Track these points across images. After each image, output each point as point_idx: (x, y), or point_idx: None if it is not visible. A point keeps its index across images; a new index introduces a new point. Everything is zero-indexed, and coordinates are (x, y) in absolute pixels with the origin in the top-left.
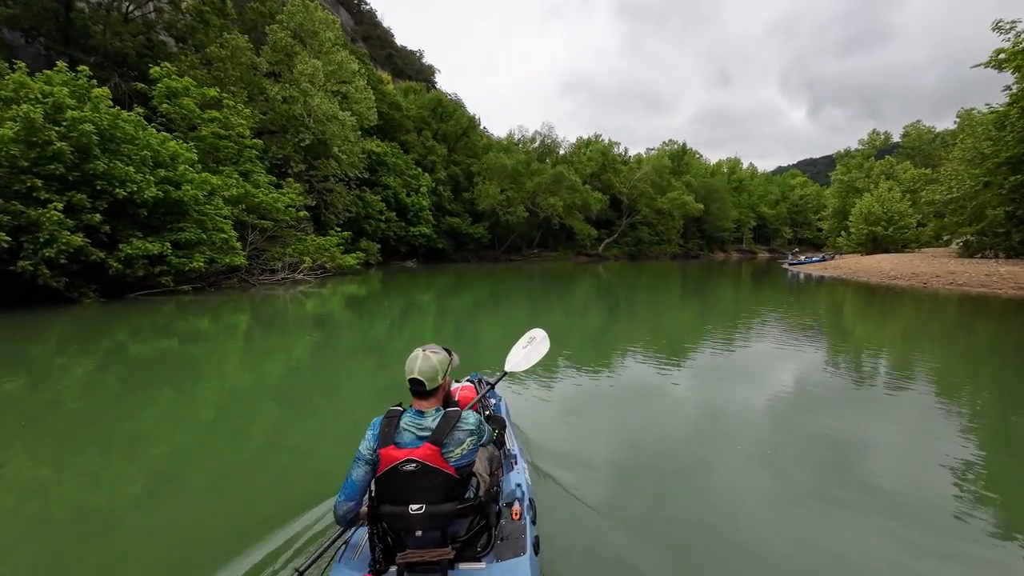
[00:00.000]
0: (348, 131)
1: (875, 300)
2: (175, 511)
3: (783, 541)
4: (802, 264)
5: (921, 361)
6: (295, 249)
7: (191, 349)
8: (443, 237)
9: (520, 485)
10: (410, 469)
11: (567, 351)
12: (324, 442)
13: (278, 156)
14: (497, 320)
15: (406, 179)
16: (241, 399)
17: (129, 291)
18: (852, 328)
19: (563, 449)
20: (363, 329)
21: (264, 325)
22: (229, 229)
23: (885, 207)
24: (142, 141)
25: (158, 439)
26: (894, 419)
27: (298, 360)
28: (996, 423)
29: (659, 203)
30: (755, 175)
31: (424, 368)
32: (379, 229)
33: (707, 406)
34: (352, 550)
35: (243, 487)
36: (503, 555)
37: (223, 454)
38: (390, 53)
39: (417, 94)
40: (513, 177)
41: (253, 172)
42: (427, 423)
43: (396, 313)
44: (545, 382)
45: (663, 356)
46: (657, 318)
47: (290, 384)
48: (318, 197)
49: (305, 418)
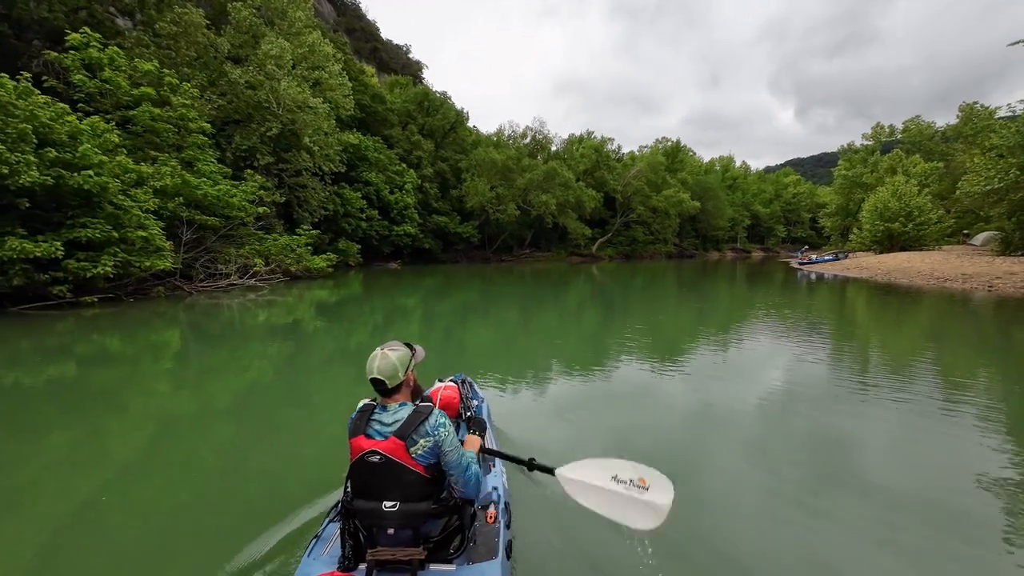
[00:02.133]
0: (321, 120)
1: (968, 313)
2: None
3: (776, 545)
4: (813, 263)
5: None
6: (252, 250)
7: (96, 375)
8: (430, 237)
9: (497, 488)
10: (375, 461)
11: (561, 356)
12: (277, 477)
13: (242, 147)
14: (488, 322)
15: (389, 175)
16: (173, 432)
17: (9, 304)
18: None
19: (545, 452)
20: (329, 342)
21: (201, 341)
22: (154, 226)
23: (903, 202)
24: (22, 111)
25: (56, 492)
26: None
27: (244, 384)
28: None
29: (654, 201)
30: (748, 173)
31: (383, 367)
32: (359, 228)
33: (707, 415)
34: (322, 544)
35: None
36: (475, 558)
37: (148, 502)
38: (375, 47)
39: (403, 88)
40: (503, 173)
41: (199, 161)
42: (393, 417)
43: (372, 321)
44: (532, 385)
45: (664, 365)
46: (665, 329)
47: (235, 413)
48: (289, 193)
49: (253, 459)
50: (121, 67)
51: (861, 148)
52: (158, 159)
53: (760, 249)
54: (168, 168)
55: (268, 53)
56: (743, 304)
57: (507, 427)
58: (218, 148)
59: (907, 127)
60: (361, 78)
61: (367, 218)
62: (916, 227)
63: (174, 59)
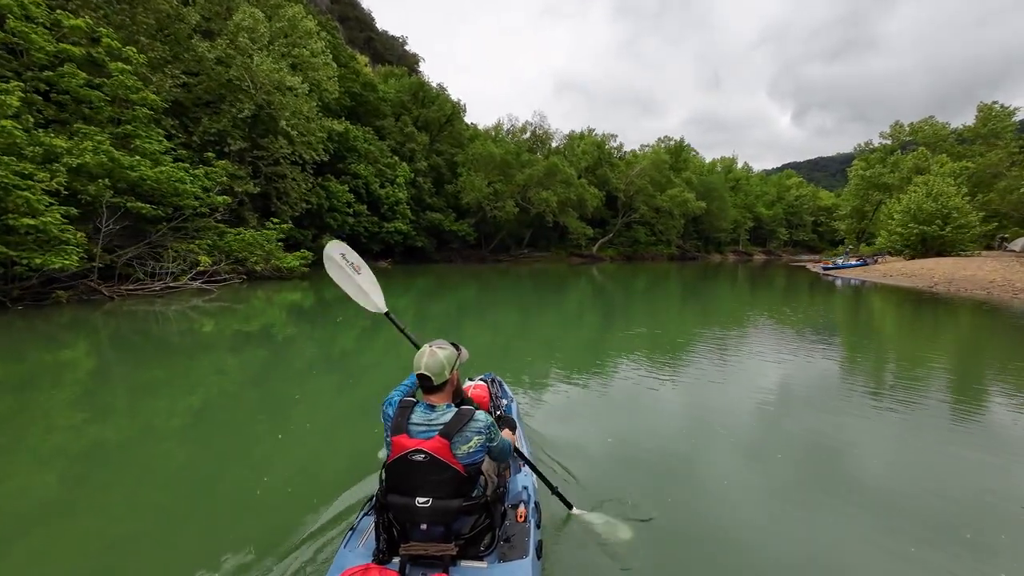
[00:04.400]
0: (301, 103)
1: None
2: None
3: (780, 547)
4: (839, 268)
5: None
6: (205, 246)
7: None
8: (423, 234)
9: (527, 487)
10: (419, 460)
11: (565, 360)
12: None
13: (211, 131)
14: (484, 326)
15: (380, 168)
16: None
17: None
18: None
19: (570, 455)
20: (270, 373)
21: (105, 360)
22: (53, 213)
23: (939, 203)
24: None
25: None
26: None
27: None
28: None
29: (658, 201)
30: (750, 175)
31: (431, 363)
32: (346, 224)
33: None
34: (357, 537)
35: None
36: (506, 556)
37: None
38: (369, 37)
39: (398, 79)
40: (502, 168)
41: (140, 138)
42: (438, 417)
43: (350, 332)
44: (555, 390)
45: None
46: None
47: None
48: (267, 183)
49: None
50: (38, 19)
51: (879, 147)
52: (79, 132)
53: (762, 252)
54: (91, 143)
55: (240, 24)
56: (808, 325)
57: (531, 428)
58: (185, 131)
59: (921, 127)
60: (352, 64)
61: (355, 213)
62: (955, 230)
63: (129, 28)
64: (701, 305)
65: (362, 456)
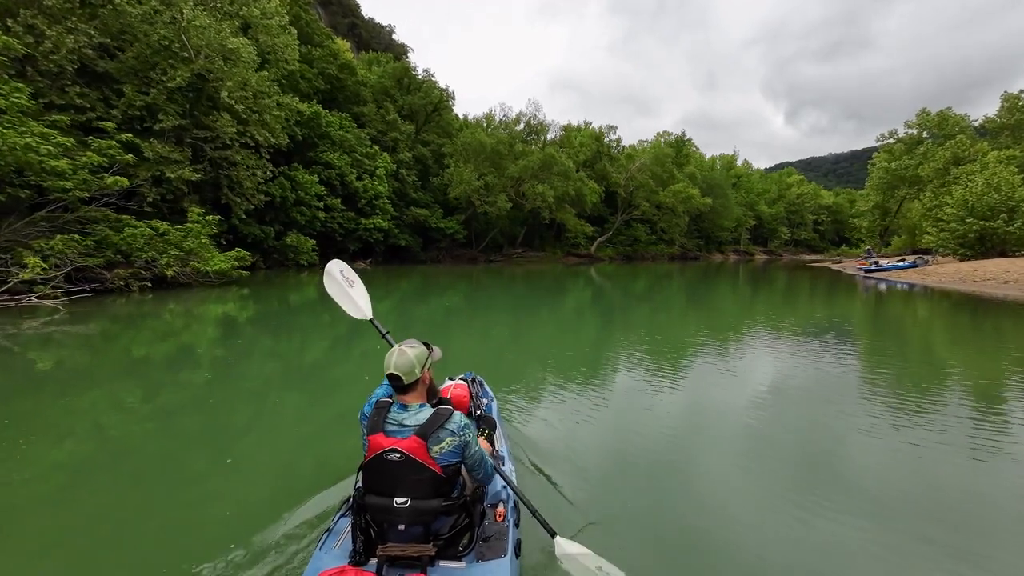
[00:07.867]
0: (248, 72)
1: None
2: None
3: (785, 553)
4: (883, 270)
5: None
6: (90, 244)
7: None
8: (406, 232)
9: (506, 487)
10: (394, 459)
11: (573, 371)
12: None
13: (135, 104)
14: (473, 332)
15: (357, 158)
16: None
17: None
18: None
19: (550, 454)
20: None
21: None
22: None
23: (1003, 194)
24: None
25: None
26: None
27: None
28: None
29: (660, 197)
30: (751, 172)
31: (400, 363)
32: (316, 219)
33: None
34: (334, 538)
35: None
36: (484, 556)
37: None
38: (354, 23)
39: (382, 65)
40: (493, 159)
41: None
42: (411, 417)
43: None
44: (545, 398)
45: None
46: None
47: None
48: (214, 170)
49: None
50: None
51: (905, 137)
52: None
53: (763, 251)
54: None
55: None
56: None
57: (510, 427)
58: (105, 104)
59: (938, 119)
60: (328, 44)
61: (327, 207)
62: (1023, 226)
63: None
64: (736, 333)
65: (337, 458)
